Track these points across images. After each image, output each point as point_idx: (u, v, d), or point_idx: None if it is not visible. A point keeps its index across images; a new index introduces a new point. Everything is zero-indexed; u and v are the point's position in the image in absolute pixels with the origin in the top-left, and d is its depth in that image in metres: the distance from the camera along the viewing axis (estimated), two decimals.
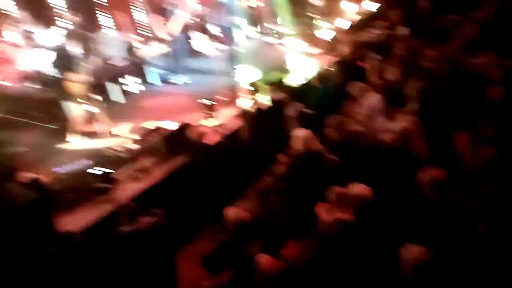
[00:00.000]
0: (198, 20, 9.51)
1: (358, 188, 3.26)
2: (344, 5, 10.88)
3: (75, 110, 6.39)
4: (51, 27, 8.05)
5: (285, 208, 3.82)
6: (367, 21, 9.99)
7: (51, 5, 8.68)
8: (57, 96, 6.75)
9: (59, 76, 6.13)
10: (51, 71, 7.03)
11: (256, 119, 5.87)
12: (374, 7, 11.21)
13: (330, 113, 5.04)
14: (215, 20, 9.27)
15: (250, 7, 11.46)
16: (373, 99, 5.08)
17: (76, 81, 6.04)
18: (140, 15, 10.18)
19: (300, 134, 4.27)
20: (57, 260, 3.36)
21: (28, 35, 7.56)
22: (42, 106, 6.95)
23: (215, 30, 9.40)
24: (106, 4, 9.64)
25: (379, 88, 5.44)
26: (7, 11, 7.91)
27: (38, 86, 7.18)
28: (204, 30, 9.62)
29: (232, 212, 3.54)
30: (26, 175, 4.86)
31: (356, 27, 9.84)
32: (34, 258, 3.44)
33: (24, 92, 7.34)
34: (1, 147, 5.10)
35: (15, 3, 7.75)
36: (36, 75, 7.27)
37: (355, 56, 7.22)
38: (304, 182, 3.95)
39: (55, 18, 8.39)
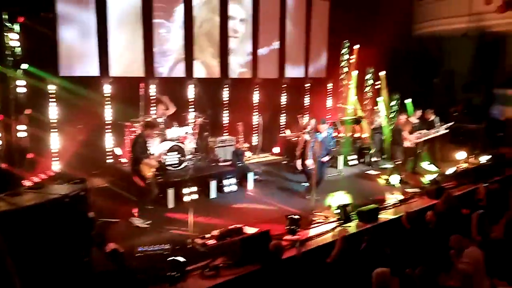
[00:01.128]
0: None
1: None
2: (458, 154, 10.73)
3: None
4: (184, 126, 9.27)
5: None
6: (476, 172, 9.58)
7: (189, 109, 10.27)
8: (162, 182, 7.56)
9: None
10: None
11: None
12: (484, 159, 10.83)
13: (417, 257, 4.70)
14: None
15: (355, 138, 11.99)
16: (476, 255, 4.58)
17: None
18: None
19: (378, 271, 4.03)
20: None
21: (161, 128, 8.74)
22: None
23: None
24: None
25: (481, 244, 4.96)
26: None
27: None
28: None
29: None
30: (112, 246, 5.24)
31: (463, 176, 9.45)
32: None
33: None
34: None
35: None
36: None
37: (454, 206, 6.79)
38: None
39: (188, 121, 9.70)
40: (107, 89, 9.18)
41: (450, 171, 9.78)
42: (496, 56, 14.44)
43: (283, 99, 12.63)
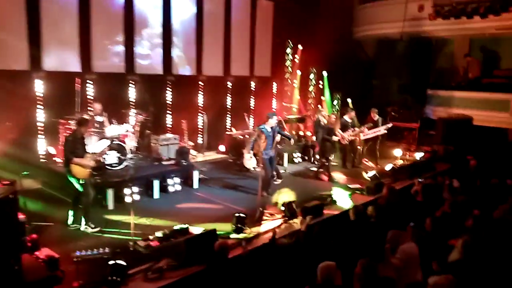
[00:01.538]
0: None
1: None
2: (394, 151, 11.27)
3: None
4: (124, 124, 8.90)
5: None
6: (411, 168, 10.11)
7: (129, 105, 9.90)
8: (100, 183, 7.19)
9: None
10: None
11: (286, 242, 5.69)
12: (419, 156, 11.50)
13: (360, 251, 4.83)
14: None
15: (300, 136, 12.25)
16: (410, 248, 4.84)
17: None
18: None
19: (323, 264, 4.07)
20: None
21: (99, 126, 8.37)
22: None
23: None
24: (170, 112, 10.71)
25: (418, 238, 5.21)
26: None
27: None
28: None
29: None
30: (45, 251, 4.89)
31: (400, 172, 9.94)
32: None
33: None
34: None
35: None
36: None
37: (394, 201, 7.12)
38: None
39: (129, 117, 9.29)
40: (39, 84, 8.56)
41: (388, 167, 10.24)
42: (428, 59, 15.42)
43: (229, 97, 12.56)
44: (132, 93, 10.13)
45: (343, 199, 8.04)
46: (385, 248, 5.07)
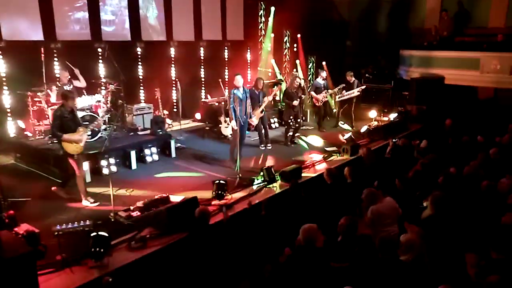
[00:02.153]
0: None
1: None
2: (369, 113, 11.43)
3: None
4: (95, 94, 8.62)
5: None
6: (386, 129, 10.33)
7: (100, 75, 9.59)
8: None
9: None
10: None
11: (265, 206, 5.80)
12: (393, 117, 11.72)
13: (338, 211, 5.01)
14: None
15: (276, 101, 12.22)
16: (379, 207, 5.03)
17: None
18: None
19: (305, 227, 4.20)
20: None
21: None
22: (56, 160, 7.15)
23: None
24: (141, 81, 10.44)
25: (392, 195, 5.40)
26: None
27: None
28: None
29: None
30: (24, 227, 4.82)
31: (375, 133, 10.14)
32: None
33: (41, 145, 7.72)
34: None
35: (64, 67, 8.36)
36: None
37: (369, 160, 7.31)
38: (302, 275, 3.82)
39: (100, 87, 8.98)
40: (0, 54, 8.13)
41: (363, 129, 10.43)
42: (401, 19, 15.42)
43: (202, 63, 12.30)
44: (100, 62, 9.78)
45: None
46: (361, 206, 5.28)
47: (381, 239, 4.07)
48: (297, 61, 13.19)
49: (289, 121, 9.78)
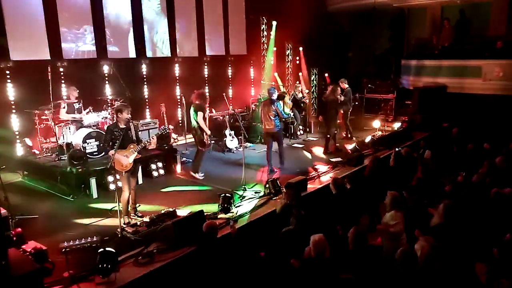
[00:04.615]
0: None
1: None
2: (373, 123, 11.43)
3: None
4: (101, 111, 8.72)
5: None
6: (390, 139, 10.32)
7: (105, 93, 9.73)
8: (83, 171, 7.11)
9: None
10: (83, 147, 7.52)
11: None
12: (397, 126, 11.72)
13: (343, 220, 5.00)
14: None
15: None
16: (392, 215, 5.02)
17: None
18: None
19: (316, 238, 4.19)
20: None
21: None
22: (63, 177, 7.20)
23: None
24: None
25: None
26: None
27: (65, 159, 7.55)
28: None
29: None
30: (32, 244, 4.83)
31: (379, 143, 10.13)
32: None
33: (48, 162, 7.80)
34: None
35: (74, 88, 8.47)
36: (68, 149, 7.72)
37: (373, 170, 7.28)
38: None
39: (106, 104, 9.10)
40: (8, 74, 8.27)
41: (367, 139, 10.42)
42: (402, 29, 15.53)
43: (206, 78, 12.41)
44: (106, 79, 9.89)
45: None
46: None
47: (403, 252, 3.94)
48: (300, 74, 13.27)
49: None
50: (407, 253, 3.90)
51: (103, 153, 6.05)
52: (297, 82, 12.85)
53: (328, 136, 9.93)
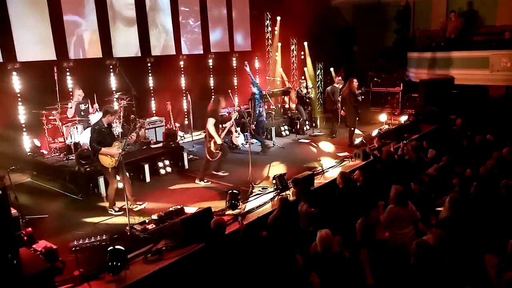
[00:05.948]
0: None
1: None
2: (380, 116, 11.36)
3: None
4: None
5: None
6: (397, 132, 10.26)
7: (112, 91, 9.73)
8: (91, 170, 7.17)
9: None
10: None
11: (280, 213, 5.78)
12: (403, 119, 11.64)
13: (352, 214, 4.98)
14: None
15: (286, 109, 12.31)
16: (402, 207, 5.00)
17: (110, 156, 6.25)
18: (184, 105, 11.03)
19: (322, 233, 4.19)
20: None
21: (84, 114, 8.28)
22: (71, 177, 7.25)
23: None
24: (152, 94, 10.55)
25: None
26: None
27: (73, 158, 7.60)
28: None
29: None
30: (42, 244, 4.89)
31: (386, 136, 10.07)
32: None
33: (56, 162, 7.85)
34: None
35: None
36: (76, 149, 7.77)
37: (380, 163, 7.26)
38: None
39: (112, 103, 9.14)
40: (15, 75, 8.33)
41: (374, 132, 10.37)
42: (407, 22, 15.39)
43: (211, 74, 12.41)
44: (112, 78, 9.94)
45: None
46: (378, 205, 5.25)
47: (418, 244, 3.85)
48: (305, 69, 13.22)
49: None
50: (423, 245, 3.79)
51: (94, 153, 6.27)
52: (302, 78, 12.81)
53: (352, 129, 10.08)
